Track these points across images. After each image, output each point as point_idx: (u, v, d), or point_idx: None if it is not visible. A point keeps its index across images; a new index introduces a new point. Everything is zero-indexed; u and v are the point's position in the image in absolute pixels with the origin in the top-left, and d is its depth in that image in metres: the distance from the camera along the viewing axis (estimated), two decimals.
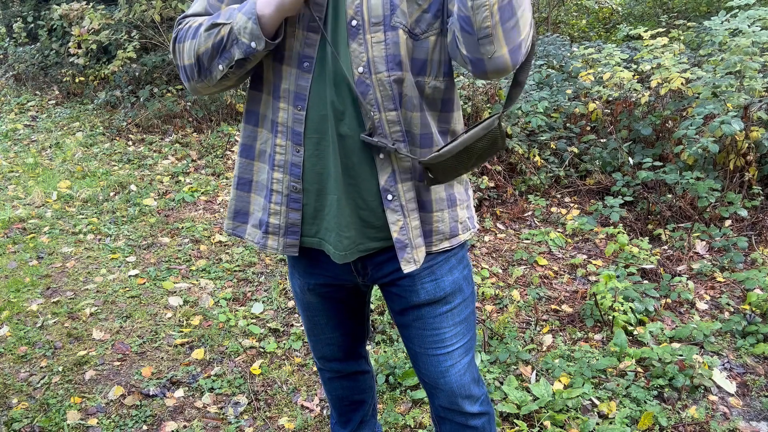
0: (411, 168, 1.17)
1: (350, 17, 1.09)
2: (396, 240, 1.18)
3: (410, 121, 1.15)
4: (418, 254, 1.20)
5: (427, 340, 1.32)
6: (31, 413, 2.23)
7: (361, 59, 1.10)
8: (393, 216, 1.17)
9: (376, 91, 1.11)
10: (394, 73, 1.11)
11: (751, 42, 3.37)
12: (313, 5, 1.10)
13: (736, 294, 2.89)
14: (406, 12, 1.09)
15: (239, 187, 1.29)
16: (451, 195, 1.24)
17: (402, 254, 1.19)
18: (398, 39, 1.09)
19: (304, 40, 1.12)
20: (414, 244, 1.19)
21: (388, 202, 1.17)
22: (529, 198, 3.91)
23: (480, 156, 1.16)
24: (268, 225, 1.25)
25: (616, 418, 2.08)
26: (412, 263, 1.20)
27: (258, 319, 2.82)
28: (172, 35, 1.22)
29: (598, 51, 4.29)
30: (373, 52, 1.10)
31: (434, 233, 1.23)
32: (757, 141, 3.39)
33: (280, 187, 1.21)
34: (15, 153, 5.29)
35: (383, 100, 1.11)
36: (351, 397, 1.70)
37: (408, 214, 1.18)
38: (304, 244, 1.26)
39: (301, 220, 1.23)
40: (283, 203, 1.22)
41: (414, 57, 1.12)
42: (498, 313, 2.80)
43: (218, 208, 4.12)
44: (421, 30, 1.11)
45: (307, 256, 1.31)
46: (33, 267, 3.35)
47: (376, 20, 1.09)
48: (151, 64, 5.87)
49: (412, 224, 1.19)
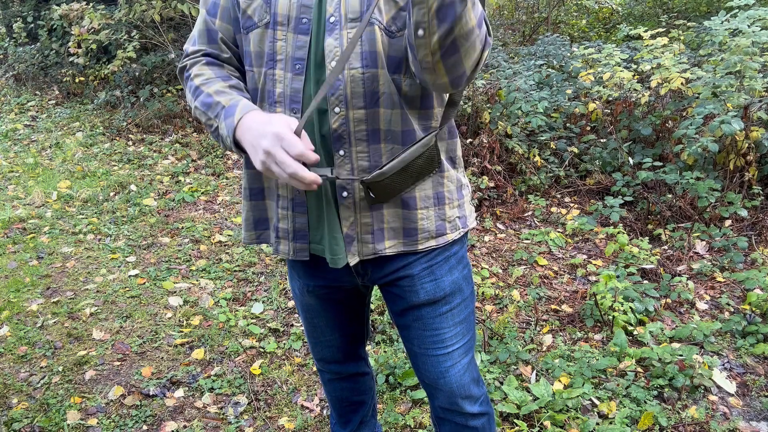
0: (369, 168, 1.17)
1: (329, 14, 1.10)
2: (345, 235, 1.20)
3: (390, 119, 1.15)
4: (362, 248, 1.22)
5: (427, 340, 1.32)
6: (31, 413, 2.23)
7: (335, 54, 1.10)
8: (345, 212, 1.19)
9: (346, 87, 1.11)
10: (368, 70, 1.10)
11: (751, 42, 3.37)
12: (300, 7, 1.11)
13: (736, 294, 2.89)
14: (382, 9, 1.09)
15: (252, 198, 1.29)
16: (439, 193, 1.24)
17: (349, 248, 1.21)
18: (374, 36, 1.09)
19: (295, 42, 1.12)
20: (360, 238, 1.21)
21: (343, 198, 1.18)
22: (529, 198, 3.91)
23: (418, 174, 1.17)
24: (278, 230, 1.26)
25: (616, 418, 2.08)
26: (356, 255, 1.22)
27: (258, 319, 2.82)
28: (179, 63, 1.28)
29: (598, 51, 4.29)
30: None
31: (419, 231, 1.23)
32: (757, 141, 3.39)
33: (285, 192, 1.22)
34: (15, 153, 5.29)
35: (352, 97, 1.11)
36: (351, 398, 1.70)
37: (359, 212, 1.20)
38: (312, 251, 1.26)
39: (307, 224, 1.23)
40: (289, 208, 1.23)
41: (389, 54, 1.11)
42: (498, 313, 2.80)
43: (218, 208, 4.12)
44: (396, 27, 1.10)
45: (311, 258, 1.32)
46: (33, 267, 3.35)
47: (353, 16, 1.09)
48: (151, 64, 5.87)
49: (362, 221, 1.20)
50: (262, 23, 1.13)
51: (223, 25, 1.20)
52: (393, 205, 1.21)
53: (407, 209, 1.22)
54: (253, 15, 1.13)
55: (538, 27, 7.19)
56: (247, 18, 1.14)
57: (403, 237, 1.23)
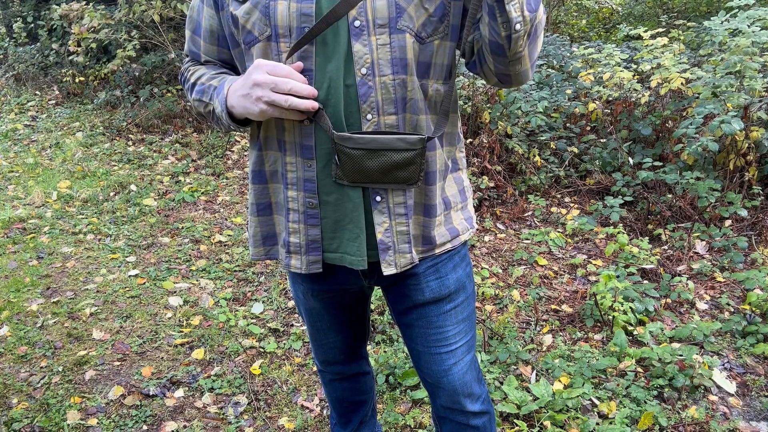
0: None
1: (353, 17, 1.08)
2: (380, 241, 1.18)
3: (416, 125, 1.15)
4: (399, 259, 1.19)
5: (431, 338, 1.32)
6: (31, 413, 2.23)
7: (365, 61, 1.09)
8: (379, 217, 1.17)
9: (377, 94, 1.10)
10: (398, 76, 1.10)
11: (750, 42, 3.37)
12: (299, 16, 1.08)
13: (736, 294, 2.89)
14: (413, 16, 1.08)
15: (260, 213, 1.27)
16: (445, 198, 1.25)
17: (384, 256, 1.19)
18: (405, 43, 1.08)
19: (300, 53, 1.10)
20: (398, 248, 1.19)
21: (376, 203, 1.16)
22: (529, 198, 3.91)
23: (387, 172, 1.11)
24: (289, 244, 1.23)
25: (616, 418, 2.08)
26: (393, 266, 1.19)
27: (258, 319, 2.82)
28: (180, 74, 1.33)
29: (598, 51, 4.29)
30: (378, 54, 1.08)
31: (437, 238, 1.24)
32: (757, 141, 3.39)
33: (296, 204, 1.19)
34: (15, 153, 5.29)
35: (383, 104, 1.10)
36: (351, 398, 1.70)
37: (394, 218, 1.18)
38: (327, 260, 1.23)
39: (320, 235, 1.20)
40: (301, 221, 1.20)
41: (419, 60, 1.11)
42: (498, 313, 2.80)
43: (218, 208, 4.12)
44: (427, 34, 1.10)
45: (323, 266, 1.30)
46: (33, 267, 3.35)
47: (381, 22, 1.08)
48: (151, 64, 5.87)
49: (397, 228, 1.18)
50: (263, 36, 1.10)
51: (208, 47, 1.24)
52: (417, 212, 1.21)
53: (428, 217, 1.21)
54: (252, 29, 1.11)
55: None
56: (247, 33, 1.12)
57: (421, 245, 1.23)
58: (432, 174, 1.19)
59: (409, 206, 1.18)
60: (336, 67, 1.09)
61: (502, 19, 1.00)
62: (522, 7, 0.99)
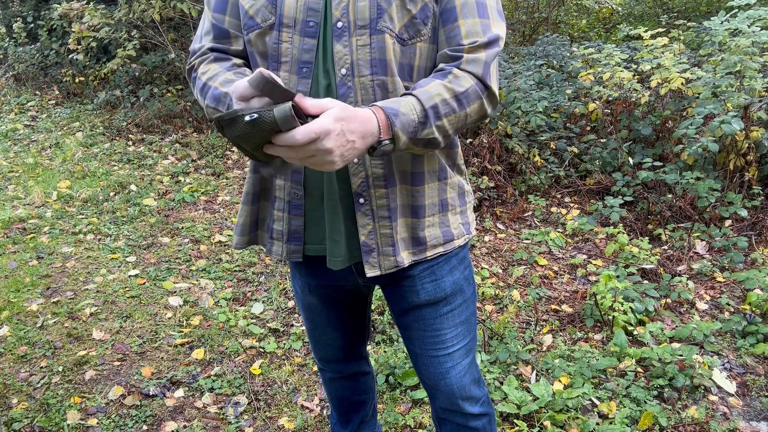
0: (384, 175, 1.17)
1: (336, 18, 1.09)
2: (363, 243, 1.18)
3: None
4: (383, 261, 1.19)
5: (428, 341, 1.32)
6: (31, 413, 2.23)
7: (344, 61, 1.09)
8: (363, 219, 1.17)
9: (357, 94, 1.10)
10: (378, 77, 1.10)
11: (750, 42, 3.37)
12: (307, 10, 1.09)
13: (736, 294, 2.89)
14: (394, 17, 1.08)
15: (253, 202, 1.28)
16: (443, 200, 1.24)
17: (367, 258, 1.19)
18: (384, 44, 1.08)
19: (302, 45, 1.11)
20: (381, 251, 1.19)
21: (360, 205, 1.16)
22: (529, 198, 3.91)
23: (258, 146, 0.92)
24: (272, 231, 1.26)
25: (616, 418, 2.08)
26: (377, 268, 1.19)
27: (258, 319, 2.82)
28: (186, 65, 1.26)
29: (598, 51, 4.29)
30: (357, 55, 1.09)
31: (427, 239, 1.23)
32: (757, 141, 3.39)
33: (282, 193, 1.21)
34: (15, 153, 5.29)
35: (363, 105, 1.10)
36: (351, 397, 1.70)
37: (378, 220, 1.18)
38: (309, 252, 1.24)
39: (303, 226, 1.22)
40: (285, 210, 1.22)
41: (401, 62, 1.11)
42: (498, 313, 2.80)
43: (218, 208, 4.12)
44: (409, 35, 1.10)
45: (310, 258, 1.31)
46: (33, 267, 3.35)
47: (362, 23, 1.08)
48: (151, 64, 5.87)
49: (381, 231, 1.18)
50: (266, 24, 1.11)
51: (232, 21, 1.19)
52: (404, 214, 1.20)
53: (416, 218, 1.21)
54: (255, 15, 1.12)
55: (538, 27, 7.19)
56: (249, 18, 1.13)
57: (411, 247, 1.23)
58: (419, 175, 1.19)
59: (392, 209, 1.18)
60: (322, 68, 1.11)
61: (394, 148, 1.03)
62: (405, 143, 1.02)
